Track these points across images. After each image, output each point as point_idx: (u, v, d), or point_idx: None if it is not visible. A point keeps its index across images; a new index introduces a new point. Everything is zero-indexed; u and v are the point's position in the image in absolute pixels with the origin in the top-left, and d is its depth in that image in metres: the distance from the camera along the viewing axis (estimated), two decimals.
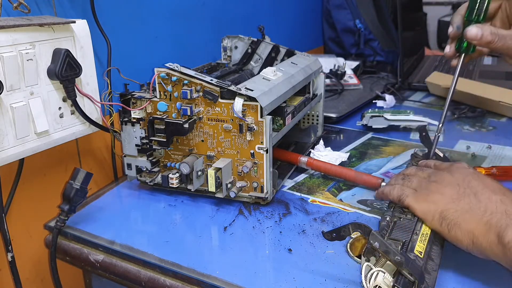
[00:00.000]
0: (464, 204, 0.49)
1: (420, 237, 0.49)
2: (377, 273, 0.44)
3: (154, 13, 0.85)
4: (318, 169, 0.73)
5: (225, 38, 0.89)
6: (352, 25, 1.47)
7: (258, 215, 0.63)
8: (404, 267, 0.43)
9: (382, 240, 0.44)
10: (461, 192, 0.50)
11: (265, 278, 0.51)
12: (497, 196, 0.48)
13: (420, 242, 0.48)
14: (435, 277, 0.46)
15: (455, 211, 0.49)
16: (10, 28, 0.54)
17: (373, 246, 0.44)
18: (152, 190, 0.71)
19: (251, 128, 0.60)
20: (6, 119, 0.55)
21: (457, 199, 0.50)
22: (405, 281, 0.43)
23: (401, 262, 0.43)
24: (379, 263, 0.45)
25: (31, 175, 0.65)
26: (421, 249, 0.47)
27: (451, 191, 0.51)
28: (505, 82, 1.15)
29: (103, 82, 0.71)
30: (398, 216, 0.53)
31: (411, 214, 0.53)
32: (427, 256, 0.48)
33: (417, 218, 0.52)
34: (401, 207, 0.55)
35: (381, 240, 0.44)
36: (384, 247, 0.43)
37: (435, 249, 0.50)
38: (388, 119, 0.91)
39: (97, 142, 0.77)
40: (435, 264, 0.48)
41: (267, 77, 0.67)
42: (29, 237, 0.67)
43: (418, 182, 0.56)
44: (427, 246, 0.48)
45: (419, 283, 0.42)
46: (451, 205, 0.49)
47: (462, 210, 0.48)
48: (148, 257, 0.56)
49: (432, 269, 0.47)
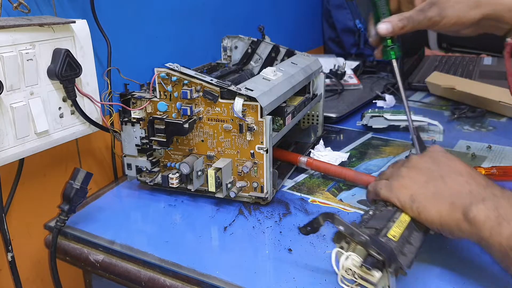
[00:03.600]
0: (432, 187, 0.50)
1: (397, 223, 0.50)
2: (347, 257, 0.44)
3: (154, 13, 0.85)
4: (318, 169, 0.74)
5: (225, 38, 0.89)
6: (352, 25, 1.47)
7: (258, 215, 0.63)
8: (369, 246, 0.43)
9: (346, 224, 0.45)
10: (429, 176, 0.51)
11: (265, 278, 0.51)
12: (463, 178, 0.49)
13: (395, 227, 0.49)
14: (411, 258, 0.47)
15: (423, 194, 0.50)
16: (10, 28, 0.54)
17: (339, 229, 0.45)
18: (152, 190, 0.71)
19: (251, 128, 0.60)
20: (6, 119, 0.55)
21: (425, 182, 0.51)
22: (374, 260, 0.43)
23: (366, 241, 0.43)
24: (350, 248, 0.46)
25: (31, 175, 0.65)
26: (395, 233, 0.48)
27: (419, 175, 0.52)
28: (505, 82, 1.14)
29: (103, 82, 0.71)
30: (380, 209, 0.53)
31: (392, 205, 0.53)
32: (405, 240, 0.48)
33: (396, 209, 0.52)
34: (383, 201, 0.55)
35: (345, 224, 0.45)
36: (349, 229, 0.44)
37: (416, 235, 0.50)
38: (388, 119, 0.91)
39: (97, 142, 0.77)
40: (413, 247, 0.48)
41: (267, 77, 0.67)
42: (29, 237, 0.67)
43: (390, 172, 0.57)
44: (405, 231, 0.49)
45: (388, 261, 0.42)
46: (419, 189, 0.51)
47: (429, 193, 0.50)
48: (148, 257, 0.56)
49: (410, 251, 0.47)
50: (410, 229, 0.50)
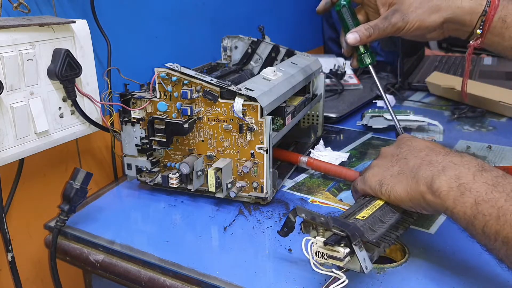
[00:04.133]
0: (396, 168, 0.52)
1: (369, 207, 0.51)
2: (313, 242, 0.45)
3: (154, 13, 0.85)
4: (318, 169, 0.74)
5: (225, 38, 0.89)
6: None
7: (258, 215, 0.63)
8: (330, 225, 0.44)
9: (307, 210, 0.46)
10: (394, 160, 0.53)
11: (265, 278, 0.51)
12: (423, 152, 0.51)
13: (367, 210, 0.50)
14: (381, 233, 0.48)
15: (390, 176, 0.52)
16: (10, 28, 0.54)
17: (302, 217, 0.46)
18: (152, 190, 0.71)
19: (251, 128, 0.60)
20: (6, 119, 0.55)
21: (391, 166, 0.53)
22: (337, 237, 0.44)
23: (326, 221, 0.44)
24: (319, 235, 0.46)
25: (31, 175, 0.65)
26: (365, 214, 0.50)
27: (386, 161, 0.54)
28: (505, 82, 1.15)
29: (103, 82, 0.71)
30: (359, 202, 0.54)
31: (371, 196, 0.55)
32: (376, 219, 0.50)
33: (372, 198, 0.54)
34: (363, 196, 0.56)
35: (306, 210, 0.46)
36: (309, 215, 0.46)
37: (391, 215, 0.51)
38: (388, 119, 0.91)
39: (97, 142, 0.77)
40: (385, 224, 0.50)
41: (267, 77, 0.67)
42: (29, 237, 0.67)
43: (365, 169, 0.59)
44: (376, 211, 0.50)
45: (352, 235, 0.43)
46: (385, 173, 0.53)
47: (394, 174, 0.52)
48: (148, 257, 0.56)
49: (380, 227, 0.49)
50: (384, 210, 0.51)
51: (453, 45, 1.77)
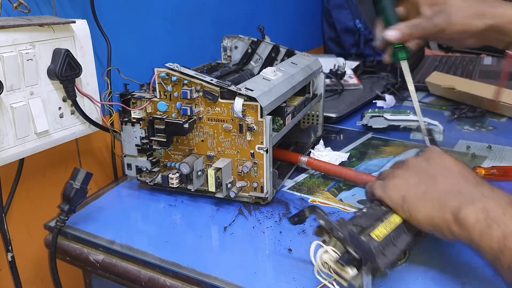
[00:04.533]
0: (423, 187, 0.49)
1: (385, 224, 0.49)
2: (325, 251, 0.44)
3: (154, 13, 0.85)
4: (318, 169, 0.74)
5: (225, 38, 0.89)
6: (352, 25, 1.47)
7: (258, 215, 0.63)
8: (346, 243, 0.43)
9: (327, 218, 0.45)
10: (421, 176, 0.51)
11: (265, 278, 0.51)
12: (454, 177, 0.49)
13: (382, 227, 0.48)
14: (391, 260, 0.46)
15: (414, 195, 0.49)
16: (10, 28, 0.54)
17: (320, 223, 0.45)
18: (152, 190, 0.71)
19: (251, 128, 0.60)
20: (6, 119, 0.55)
21: (417, 183, 0.50)
22: (350, 257, 0.43)
23: (343, 238, 0.43)
24: (331, 242, 0.46)
25: (31, 175, 0.65)
26: (380, 233, 0.47)
27: (413, 176, 0.52)
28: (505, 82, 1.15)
29: (103, 82, 0.71)
30: (373, 207, 0.53)
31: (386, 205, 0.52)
32: (389, 241, 0.48)
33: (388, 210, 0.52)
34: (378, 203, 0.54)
35: (326, 218, 0.45)
36: (329, 225, 0.45)
37: (404, 237, 0.49)
38: (388, 119, 0.91)
39: (97, 142, 0.77)
40: (397, 249, 0.48)
41: (267, 77, 0.67)
42: (29, 237, 0.67)
43: (387, 173, 0.57)
44: (392, 233, 0.48)
45: (365, 260, 0.42)
46: (410, 189, 0.50)
47: (420, 193, 0.49)
48: (148, 257, 0.56)
49: (392, 252, 0.47)
50: (398, 231, 0.49)
51: None
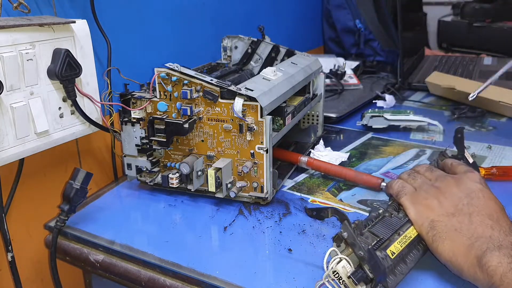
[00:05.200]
0: (456, 221, 0.48)
1: (401, 238, 0.48)
2: (339, 260, 0.44)
3: (154, 13, 0.85)
4: (318, 169, 0.74)
5: (225, 38, 0.89)
6: (352, 25, 1.47)
7: (258, 215, 0.63)
8: (365, 263, 0.43)
9: (351, 232, 0.44)
10: (458, 208, 0.49)
11: (265, 278, 0.51)
12: (490, 222, 0.47)
13: (398, 243, 0.48)
14: (400, 280, 0.46)
15: (445, 226, 0.48)
16: (10, 28, 0.54)
17: (342, 235, 0.45)
18: (152, 190, 0.71)
19: (251, 128, 0.60)
20: (6, 119, 0.55)
21: (451, 213, 0.49)
22: (363, 275, 0.43)
23: (364, 257, 0.43)
24: (346, 251, 0.46)
25: (31, 175, 0.65)
26: (395, 250, 0.47)
27: (449, 203, 0.50)
28: (505, 82, 1.14)
29: (103, 82, 0.71)
30: (390, 212, 0.52)
31: (404, 213, 0.52)
32: (400, 259, 0.47)
33: (407, 219, 0.51)
34: (398, 204, 0.54)
35: (350, 232, 0.44)
36: (352, 239, 0.44)
37: (414, 254, 0.49)
38: (388, 119, 0.91)
39: (97, 142, 0.77)
40: (406, 268, 0.47)
41: (267, 77, 0.67)
42: (29, 237, 0.67)
43: (421, 182, 0.55)
44: (405, 249, 0.48)
45: (376, 282, 0.42)
46: (443, 217, 0.49)
47: (451, 227, 0.48)
48: (148, 257, 0.56)
49: (401, 272, 0.46)
50: (411, 247, 0.49)
51: (453, 45, 1.77)
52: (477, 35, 1.67)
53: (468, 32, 1.68)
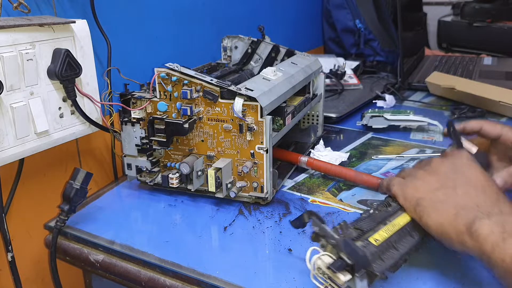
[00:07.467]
0: (441, 194, 0.49)
1: (387, 227, 0.49)
2: (319, 256, 0.45)
3: (154, 13, 0.85)
4: (318, 169, 0.74)
5: (225, 38, 0.89)
6: (352, 25, 1.47)
7: (258, 215, 0.63)
8: (339, 249, 0.43)
9: (321, 225, 0.46)
10: (442, 182, 0.50)
11: (265, 278, 0.51)
12: (475, 191, 0.48)
13: (383, 231, 0.48)
14: (389, 264, 0.46)
15: (430, 200, 0.49)
16: (10, 28, 0.54)
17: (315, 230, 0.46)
18: (152, 190, 0.71)
19: (251, 128, 0.60)
20: (6, 119, 0.55)
21: (436, 189, 0.50)
22: (342, 264, 0.43)
23: (337, 245, 0.44)
24: (327, 248, 0.46)
25: (31, 175, 0.65)
26: (380, 237, 0.47)
27: (433, 180, 0.51)
28: (505, 82, 1.15)
29: (103, 82, 0.71)
30: (380, 209, 0.52)
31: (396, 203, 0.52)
32: (389, 245, 0.47)
33: (395, 210, 0.52)
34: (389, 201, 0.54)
35: (320, 225, 0.46)
36: (323, 231, 0.45)
37: (408, 240, 0.49)
38: (388, 119, 0.91)
39: (97, 142, 0.77)
40: (398, 253, 0.47)
41: (267, 77, 0.67)
42: (29, 237, 0.67)
43: (409, 171, 0.56)
44: (394, 236, 0.48)
45: (358, 266, 0.42)
46: (428, 193, 0.50)
47: (436, 200, 0.49)
48: (148, 257, 0.56)
49: (391, 257, 0.46)
50: (402, 233, 0.49)
51: (453, 45, 1.77)
52: (477, 35, 1.67)
53: (468, 32, 1.69)
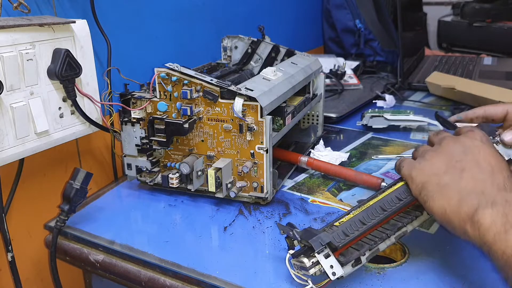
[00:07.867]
0: (446, 179, 0.47)
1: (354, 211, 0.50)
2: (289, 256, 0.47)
3: (154, 13, 0.85)
4: (318, 169, 0.74)
5: (225, 38, 0.89)
6: (352, 25, 1.47)
7: (258, 215, 0.63)
8: (298, 239, 0.46)
9: (283, 226, 0.48)
10: (450, 165, 0.48)
11: (265, 278, 0.51)
12: (483, 176, 0.46)
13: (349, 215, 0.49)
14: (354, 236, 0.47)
15: (435, 184, 0.47)
16: (10, 28, 0.54)
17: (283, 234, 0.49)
18: (152, 190, 0.71)
19: (251, 128, 0.60)
20: (6, 119, 0.55)
21: (443, 172, 0.48)
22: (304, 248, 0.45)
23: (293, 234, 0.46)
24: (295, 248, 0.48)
25: (31, 175, 0.65)
26: (344, 219, 0.49)
27: (441, 162, 0.49)
28: (505, 82, 1.15)
29: (103, 82, 0.71)
30: None
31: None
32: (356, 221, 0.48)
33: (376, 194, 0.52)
34: None
35: (283, 226, 0.48)
36: (287, 231, 0.47)
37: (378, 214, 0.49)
38: (388, 119, 0.91)
39: (97, 142, 0.77)
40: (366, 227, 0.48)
41: (267, 77, 0.67)
42: (29, 237, 0.67)
43: (421, 150, 0.54)
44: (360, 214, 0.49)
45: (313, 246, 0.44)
46: (434, 177, 0.48)
47: (441, 185, 0.47)
48: (148, 257, 0.56)
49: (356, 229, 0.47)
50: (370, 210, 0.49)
51: (453, 45, 1.77)
52: (477, 35, 1.67)
53: (468, 32, 1.68)
